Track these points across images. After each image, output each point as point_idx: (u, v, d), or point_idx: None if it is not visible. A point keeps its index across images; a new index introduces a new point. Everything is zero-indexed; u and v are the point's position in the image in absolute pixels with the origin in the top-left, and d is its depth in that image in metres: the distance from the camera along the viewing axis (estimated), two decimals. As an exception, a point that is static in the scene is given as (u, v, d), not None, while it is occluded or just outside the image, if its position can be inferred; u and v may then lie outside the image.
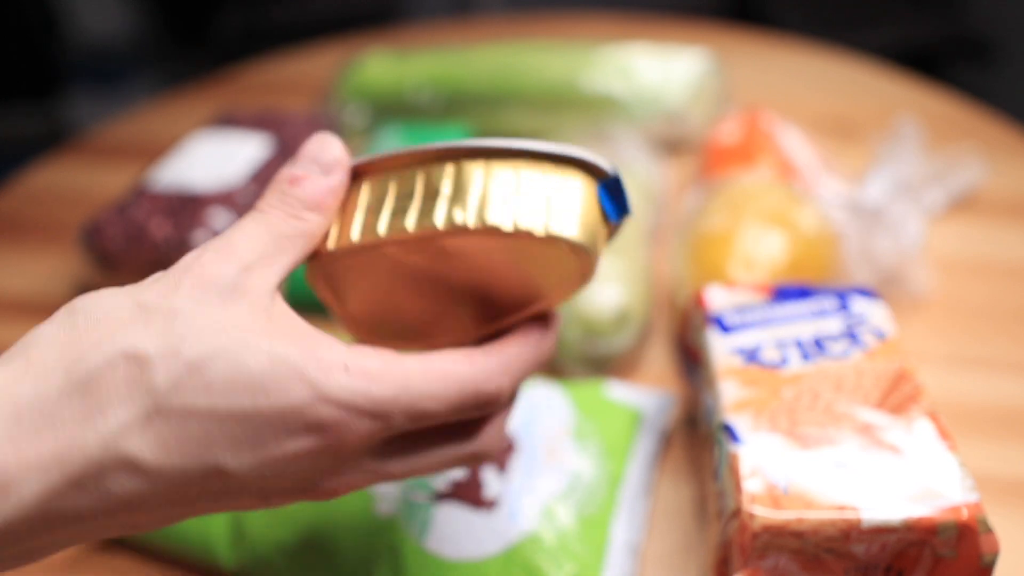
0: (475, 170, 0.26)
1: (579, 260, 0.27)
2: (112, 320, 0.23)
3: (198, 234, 0.53)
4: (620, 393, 0.43)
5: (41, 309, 0.57)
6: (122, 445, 0.21)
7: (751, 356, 0.35)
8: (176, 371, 0.22)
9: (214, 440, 0.22)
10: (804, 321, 0.36)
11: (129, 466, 0.21)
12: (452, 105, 0.71)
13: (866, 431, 0.31)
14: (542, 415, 0.40)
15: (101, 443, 0.21)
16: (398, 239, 0.26)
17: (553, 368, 0.48)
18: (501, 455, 0.38)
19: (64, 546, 0.23)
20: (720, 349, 0.36)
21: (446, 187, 0.26)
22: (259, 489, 0.24)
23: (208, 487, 0.23)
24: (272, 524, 0.37)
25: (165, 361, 0.22)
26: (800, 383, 0.34)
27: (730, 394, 0.34)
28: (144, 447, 0.21)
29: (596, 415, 0.41)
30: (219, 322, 0.23)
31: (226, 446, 0.22)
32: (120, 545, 0.40)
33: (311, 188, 0.26)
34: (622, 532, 0.37)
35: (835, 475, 0.30)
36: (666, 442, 0.44)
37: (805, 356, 0.35)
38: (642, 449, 0.41)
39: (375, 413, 0.24)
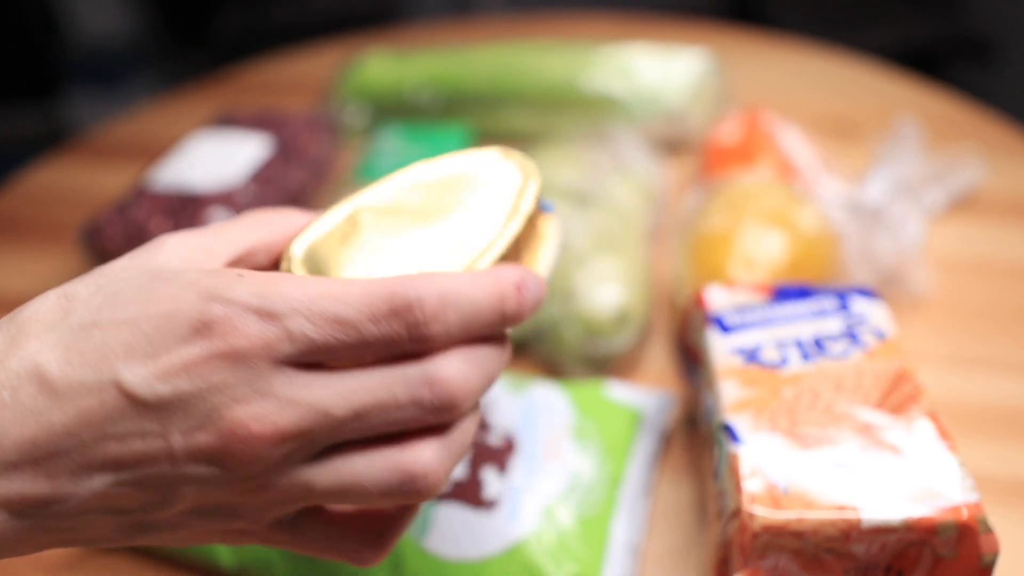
0: None
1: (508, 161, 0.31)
2: (69, 281, 0.26)
3: (198, 234, 0.53)
4: (620, 393, 0.43)
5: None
6: (35, 358, 0.23)
7: (751, 356, 0.35)
8: (95, 301, 0.24)
9: (110, 348, 0.22)
10: (804, 321, 0.36)
11: (37, 376, 0.22)
12: (452, 105, 0.71)
13: (866, 431, 0.31)
14: (542, 415, 0.40)
15: (19, 359, 0.23)
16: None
17: (553, 368, 0.48)
18: (501, 455, 0.38)
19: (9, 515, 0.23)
20: (720, 349, 0.36)
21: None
22: (160, 423, 0.22)
23: (111, 411, 0.22)
24: None
25: (89, 294, 0.24)
26: (800, 383, 0.34)
27: (730, 394, 0.34)
28: (52, 358, 0.23)
29: (596, 415, 0.41)
30: (144, 266, 0.25)
31: (120, 353, 0.22)
32: (120, 545, 0.40)
33: (295, 211, 0.30)
34: (622, 532, 0.37)
35: (835, 475, 0.30)
36: (666, 442, 0.44)
37: (805, 356, 0.35)
38: (642, 449, 0.41)
39: (265, 310, 0.22)
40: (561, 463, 0.38)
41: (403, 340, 0.23)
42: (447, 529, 0.35)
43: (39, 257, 0.62)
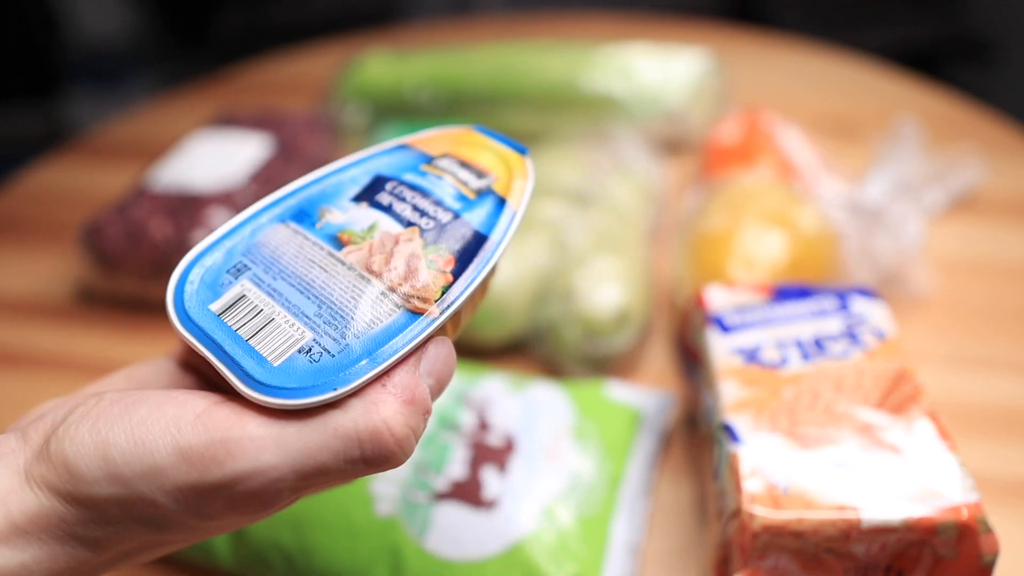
0: None
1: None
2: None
3: (198, 234, 0.53)
4: (620, 393, 0.43)
5: (41, 309, 0.57)
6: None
7: (751, 356, 0.35)
8: None
9: None
10: (804, 321, 0.36)
11: None
12: (452, 105, 0.71)
13: (866, 431, 0.31)
14: (542, 415, 0.40)
15: None
16: None
17: (553, 368, 0.48)
18: (501, 455, 0.38)
19: None
20: (720, 349, 0.36)
21: None
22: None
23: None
24: (271, 524, 0.37)
25: None
26: (800, 383, 0.34)
27: (730, 394, 0.34)
28: None
29: (596, 415, 0.41)
30: None
31: None
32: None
33: None
34: (622, 532, 0.37)
35: (835, 475, 0.30)
36: (666, 442, 0.44)
37: (805, 356, 0.35)
38: (642, 449, 0.41)
39: None
40: (561, 463, 0.38)
41: None
42: (447, 529, 0.35)
43: (39, 257, 0.62)
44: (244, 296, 0.24)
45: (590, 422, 0.40)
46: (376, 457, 0.23)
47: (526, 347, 0.50)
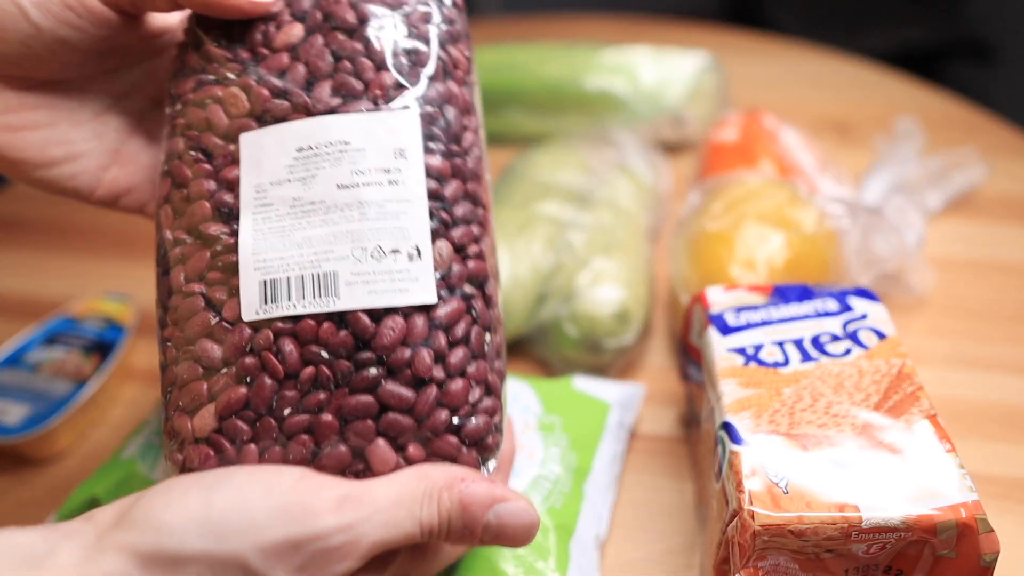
0: None
1: None
2: None
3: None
4: (588, 386, 0.43)
5: (41, 309, 0.57)
6: None
7: (751, 356, 0.35)
8: None
9: None
10: (804, 321, 0.37)
11: None
12: (452, 105, 0.71)
13: (866, 431, 0.31)
14: (509, 408, 0.40)
15: None
16: None
17: (552, 368, 0.48)
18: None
19: None
20: (720, 349, 0.36)
21: None
22: None
23: None
24: None
25: None
26: (800, 383, 0.34)
27: (730, 394, 0.34)
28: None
29: (564, 408, 0.41)
30: None
31: None
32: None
33: None
34: (588, 524, 0.37)
35: (835, 475, 0.30)
36: (635, 436, 0.44)
37: (805, 356, 0.35)
38: (609, 442, 0.41)
39: None
40: (528, 456, 0.38)
41: None
42: None
43: (39, 257, 0.62)
44: None
45: (557, 415, 0.41)
46: (460, 525, 0.27)
47: (526, 347, 0.50)
